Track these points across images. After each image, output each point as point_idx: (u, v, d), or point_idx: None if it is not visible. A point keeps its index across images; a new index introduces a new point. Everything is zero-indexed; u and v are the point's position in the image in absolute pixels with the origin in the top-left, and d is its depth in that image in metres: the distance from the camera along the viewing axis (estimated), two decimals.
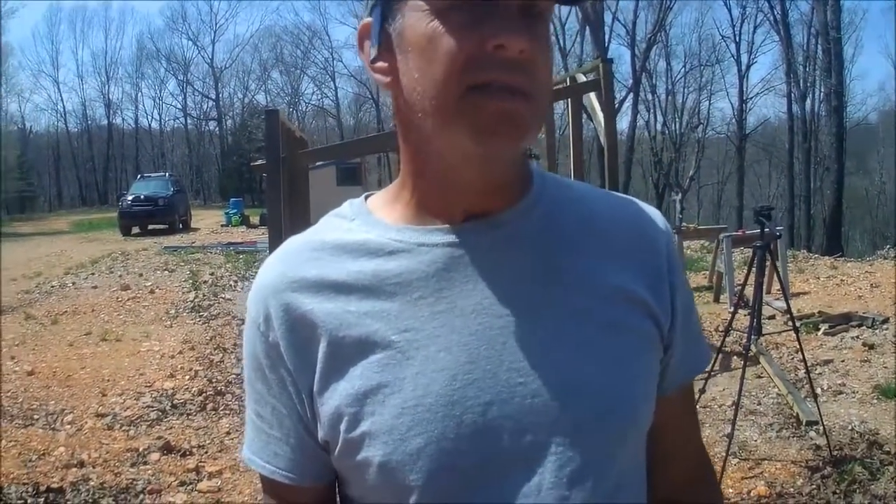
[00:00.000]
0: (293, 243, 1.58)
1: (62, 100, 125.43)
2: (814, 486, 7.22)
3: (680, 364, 1.61)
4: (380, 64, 1.45)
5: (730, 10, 74.60)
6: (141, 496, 7.38)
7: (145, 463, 8.07)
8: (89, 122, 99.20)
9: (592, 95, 11.62)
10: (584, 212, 1.55)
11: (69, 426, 9.14)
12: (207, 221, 48.73)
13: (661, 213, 1.65)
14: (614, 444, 1.44)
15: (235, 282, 20.64)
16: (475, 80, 1.30)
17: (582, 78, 12.38)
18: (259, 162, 12.07)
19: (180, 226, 42.84)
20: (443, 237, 1.46)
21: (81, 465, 7.90)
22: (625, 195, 1.65)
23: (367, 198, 1.63)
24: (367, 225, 1.52)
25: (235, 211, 47.48)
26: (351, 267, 1.47)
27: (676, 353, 1.58)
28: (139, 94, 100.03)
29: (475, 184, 1.44)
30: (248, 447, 1.59)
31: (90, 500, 7.24)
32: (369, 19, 1.46)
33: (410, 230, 1.48)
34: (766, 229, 8.24)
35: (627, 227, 1.56)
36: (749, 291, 8.97)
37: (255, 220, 45.52)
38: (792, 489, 7.21)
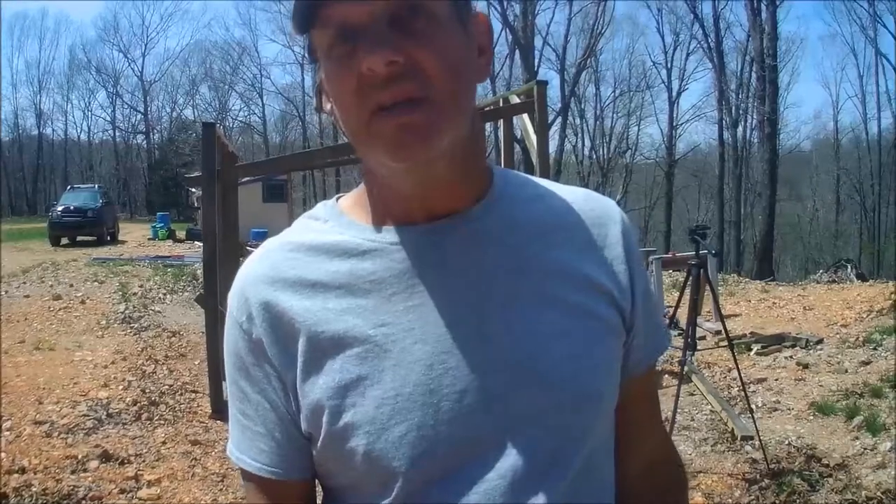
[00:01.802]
0: (271, 245, 1.63)
1: None
2: (752, 498, 7.33)
3: (642, 347, 1.69)
4: (326, 107, 1.53)
5: (662, 37, 74.95)
6: (83, 503, 7.35)
7: (85, 470, 8.00)
8: (20, 131, 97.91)
9: (525, 117, 11.68)
10: (547, 205, 1.62)
11: (8, 433, 9.04)
12: (135, 234, 48.36)
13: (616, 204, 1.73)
14: (584, 426, 1.51)
15: (164, 294, 20.58)
16: (368, 108, 1.36)
17: (515, 99, 12.43)
18: (194, 174, 12.06)
19: (108, 238, 42.49)
20: (413, 236, 1.52)
21: (23, 471, 7.84)
22: (582, 188, 1.73)
23: (338, 199, 1.68)
24: (340, 226, 1.59)
25: (162, 225, 47.18)
26: (328, 267, 1.53)
27: (638, 336, 1.66)
28: (69, 105, 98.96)
29: (417, 190, 1.49)
30: (235, 446, 1.62)
31: None
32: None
33: (382, 230, 1.54)
34: (702, 249, 8.32)
35: (588, 218, 1.63)
36: (680, 313, 9.05)
37: (181, 234, 45.35)
38: (730, 500, 7.34)
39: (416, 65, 1.34)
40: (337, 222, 1.59)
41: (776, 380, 11.24)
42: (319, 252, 1.55)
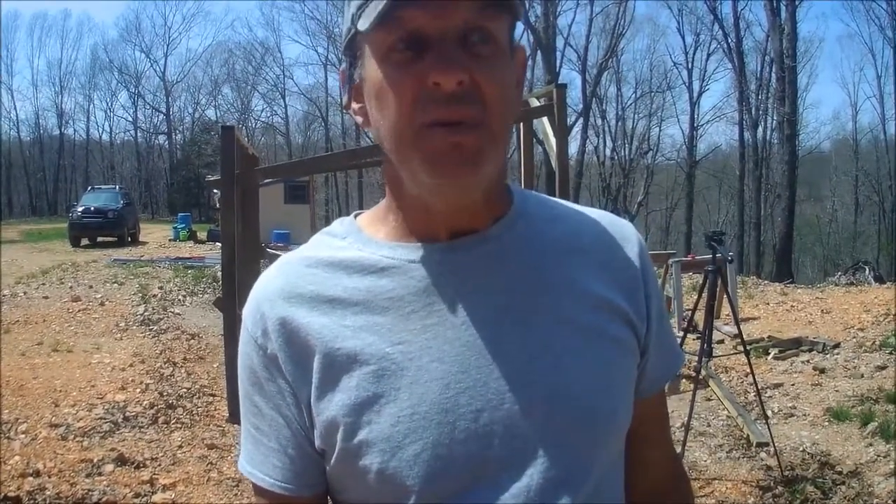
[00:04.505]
0: (288, 260, 1.62)
1: (15, 108, 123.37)
2: None
3: (655, 368, 1.69)
4: (354, 106, 1.54)
5: (683, 38, 74.68)
6: None
7: (100, 474, 8.01)
8: (41, 131, 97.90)
9: (545, 120, 11.62)
10: (565, 227, 1.62)
11: (24, 435, 9.07)
12: (155, 235, 48.27)
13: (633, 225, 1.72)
14: (597, 446, 1.51)
15: (184, 296, 20.54)
16: (423, 119, 1.36)
17: (535, 102, 12.35)
18: (214, 178, 12.07)
19: (129, 239, 42.44)
20: (432, 254, 1.51)
21: (37, 474, 7.85)
22: (599, 210, 1.72)
23: (356, 216, 1.67)
24: (359, 242, 1.57)
25: (183, 226, 46.95)
26: (346, 283, 1.52)
27: (652, 357, 1.66)
28: (91, 105, 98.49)
29: (448, 209, 1.48)
30: (248, 461, 1.61)
31: None
32: (344, 66, 1.55)
33: (401, 248, 1.53)
34: (718, 254, 8.30)
35: (605, 239, 1.63)
36: (699, 316, 9.03)
37: (202, 235, 45.07)
38: None
39: (478, 88, 1.36)
40: (355, 238, 1.59)
41: (793, 385, 11.20)
42: (337, 268, 1.55)
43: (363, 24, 1.36)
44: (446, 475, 1.42)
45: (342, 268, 1.54)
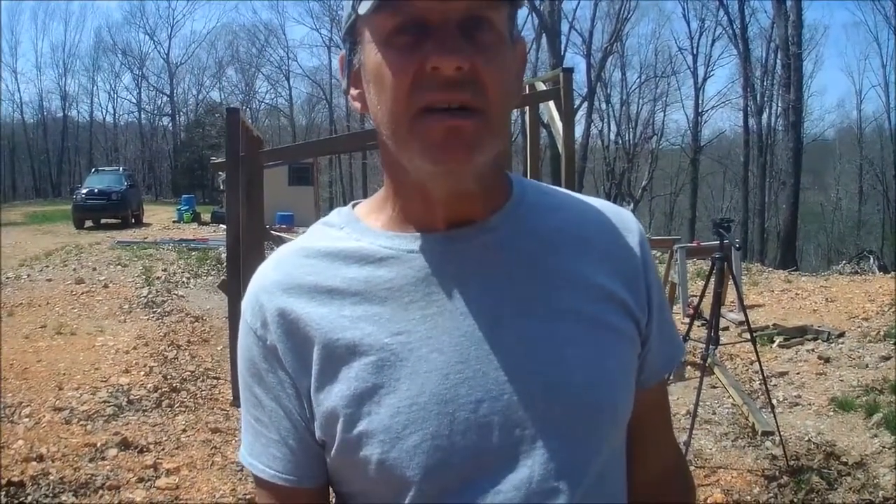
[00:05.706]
0: (286, 251, 1.62)
1: (19, 90, 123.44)
2: (771, 495, 7.30)
3: (657, 358, 1.69)
4: (352, 92, 1.53)
5: (688, 23, 74.84)
6: (100, 492, 7.35)
7: (103, 458, 8.02)
8: (45, 113, 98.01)
9: (551, 104, 11.61)
10: (564, 216, 1.62)
11: (27, 419, 9.09)
12: (159, 217, 48.17)
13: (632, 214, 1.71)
14: (598, 436, 1.51)
15: (188, 278, 20.47)
16: (421, 102, 1.36)
17: (541, 86, 12.36)
18: (218, 160, 12.07)
19: (133, 221, 42.33)
20: (430, 244, 1.51)
21: (41, 458, 7.87)
22: (598, 199, 1.72)
23: (354, 206, 1.67)
24: (356, 232, 1.57)
25: (187, 207, 46.62)
26: (344, 273, 1.52)
27: (653, 347, 1.66)
28: (95, 87, 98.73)
29: (445, 196, 1.48)
30: (248, 452, 1.61)
31: (50, 495, 7.22)
32: (343, 52, 1.55)
33: (399, 237, 1.53)
34: (725, 241, 8.28)
35: (605, 229, 1.63)
36: (706, 302, 9.02)
37: (206, 217, 44.87)
38: (749, 497, 7.29)
39: (477, 76, 1.35)
40: (353, 228, 1.58)
41: (797, 373, 11.19)
42: (335, 258, 1.54)
43: (363, 8, 1.36)
44: (446, 466, 1.43)
45: (340, 258, 1.54)
